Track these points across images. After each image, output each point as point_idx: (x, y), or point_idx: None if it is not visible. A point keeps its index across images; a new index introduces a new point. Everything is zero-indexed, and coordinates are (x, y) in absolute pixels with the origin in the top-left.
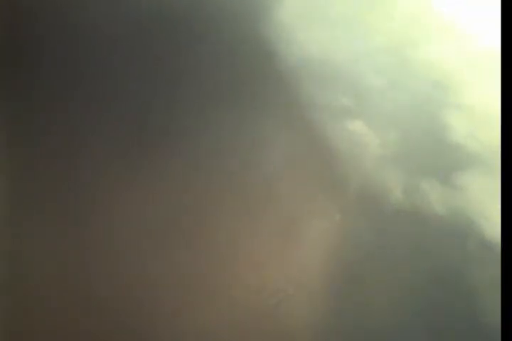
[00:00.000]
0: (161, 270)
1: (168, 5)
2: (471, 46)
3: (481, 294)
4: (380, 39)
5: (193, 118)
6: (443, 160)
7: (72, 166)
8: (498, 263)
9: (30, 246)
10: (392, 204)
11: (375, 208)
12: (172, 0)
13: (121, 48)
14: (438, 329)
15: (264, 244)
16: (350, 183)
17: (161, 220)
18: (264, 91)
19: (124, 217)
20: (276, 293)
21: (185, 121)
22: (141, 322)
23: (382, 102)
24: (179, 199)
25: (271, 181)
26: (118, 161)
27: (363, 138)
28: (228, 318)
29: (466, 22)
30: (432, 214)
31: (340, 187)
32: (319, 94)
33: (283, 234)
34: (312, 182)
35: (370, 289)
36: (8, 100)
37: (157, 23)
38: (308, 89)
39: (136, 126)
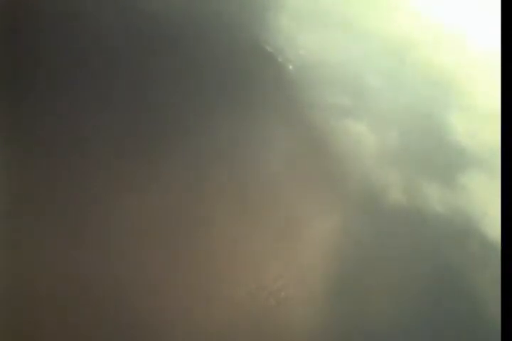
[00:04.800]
0: (161, 270)
1: (167, 9)
2: (471, 47)
3: (482, 294)
4: (380, 40)
5: (193, 120)
6: (443, 160)
7: (71, 166)
8: (499, 263)
9: (30, 246)
10: (392, 204)
11: (375, 208)
12: (170, 4)
13: (121, 50)
14: (438, 329)
15: (264, 244)
16: (350, 183)
17: (160, 221)
18: (264, 92)
19: (123, 218)
20: (277, 293)
21: (185, 122)
22: (140, 322)
23: (382, 102)
24: (178, 200)
25: (271, 181)
26: (117, 162)
27: (363, 138)
28: (228, 318)
29: (466, 23)
30: (432, 214)
31: (341, 187)
32: (319, 95)
33: (283, 234)
34: (312, 182)
35: (370, 289)
36: (8, 100)
37: (156, 27)
38: (308, 90)
39: (136, 127)
